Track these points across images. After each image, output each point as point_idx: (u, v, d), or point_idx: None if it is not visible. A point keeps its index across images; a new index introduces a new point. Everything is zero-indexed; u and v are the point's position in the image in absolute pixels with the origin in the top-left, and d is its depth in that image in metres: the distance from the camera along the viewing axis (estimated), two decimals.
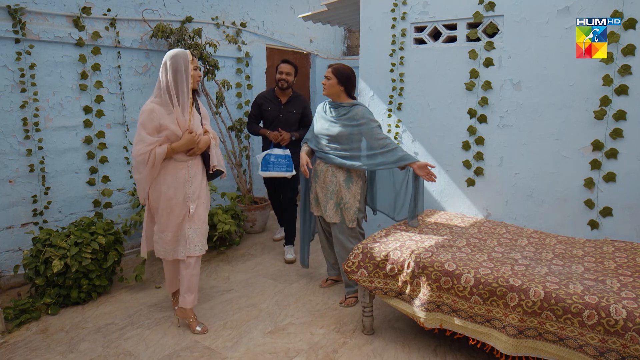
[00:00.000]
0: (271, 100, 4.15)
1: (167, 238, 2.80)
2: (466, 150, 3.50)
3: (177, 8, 4.47)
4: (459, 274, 2.41)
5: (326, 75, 3.11)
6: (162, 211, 2.76)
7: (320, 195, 3.19)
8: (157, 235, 2.84)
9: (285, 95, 4.14)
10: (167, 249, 2.83)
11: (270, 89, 4.26)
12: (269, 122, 4.15)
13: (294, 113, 4.14)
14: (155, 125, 2.61)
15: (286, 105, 4.13)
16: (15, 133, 3.45)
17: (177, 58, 2.62)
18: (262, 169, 3.97)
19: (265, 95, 4.20)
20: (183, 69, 2.62)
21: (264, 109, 4.13)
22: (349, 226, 3.13)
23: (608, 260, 2.52)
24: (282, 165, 3.97)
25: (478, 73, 3.36)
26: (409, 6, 3.63)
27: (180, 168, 2.74)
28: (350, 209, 3.11)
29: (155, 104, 2.63)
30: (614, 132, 2.89)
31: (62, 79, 3.67)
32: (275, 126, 4.10)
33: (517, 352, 2.20)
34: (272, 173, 3.96)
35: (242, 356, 2.62)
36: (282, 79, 4.02)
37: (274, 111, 4.12)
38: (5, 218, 3.46)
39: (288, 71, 4.02)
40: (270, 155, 3.97)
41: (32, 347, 2.71)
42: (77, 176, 3.84)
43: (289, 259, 4.06)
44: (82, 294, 3.20)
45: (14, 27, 3.34)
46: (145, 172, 2.65)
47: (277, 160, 3.96)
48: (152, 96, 2.68)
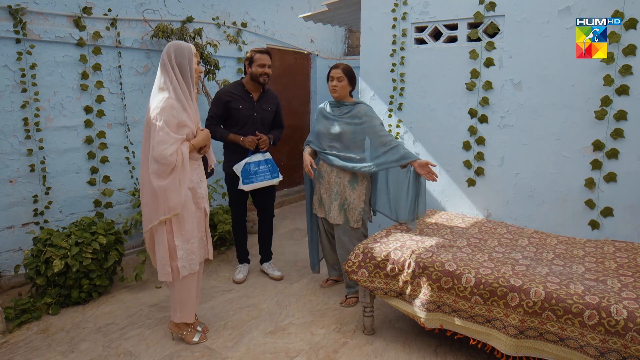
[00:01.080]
0: (241, 96, 3.41)
1: (194, 245, 2.60)
2: (467, 150, 3.50)
3: (178, 8, 4.47)
4: (459, 274, 2.41)
5: (337, 77, 3.07)
6: (187, 217, 2.53)
7: (325, 196, 3.18)
8: (182, 251, 2.54)
9: (257, 91, 3.47)
10: (195, 258, 2.61)
11: (235, 83, 3.52)
12: (240, 124, 3.42)
13: (269, 111, 3.52)
14: (176, 123, 2.42)
15: (260, 102, 3.47)
16: (16, 133, 3.45)
17: (182, 52, 2.45)
18: (244, 182, 3.34)
19: (232, 91, 3.42)
20: (187, 63, 2.46)
21: (233, 108, 3.39)
22: (353, 227, 3.13)
23: (609, 261, 2.52)
24: (266, 172, 3.44)
25: (479, 73, 3.36)
26: (409, 6, 3.63)
27: (195, 168, 2.60)
28: (355, 209, 3.11)
29: (172, 99, 2.42)
30: (614, 132, 2.89)
31: (62, 79, 3.67)
32: (250, 128, 3.42)
33: (517, 353, 2.20)
34: (257, 184, 3.39)
35: (243, 356, 2.62)
36: (264, 72, 3.35)
37: (247, 110, 3.41)
38: (6, 218, 3.46)
39: (269, 63, 3.38)
40: (250, 164, 3.36)
41: (33, 346, 2.71)
42: (77, 176, 3.84)
43: (238, 279, 3.61)
44: (83, 294, 3.20)
45: (14, 27, 3.34)
46: (172, 175, 2.40)
47: (259, 169, 3.40)
48: (160, 92, 2.44)
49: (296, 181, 6.49)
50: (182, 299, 2.66)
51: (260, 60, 3.33)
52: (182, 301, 2.67)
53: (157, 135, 2.35)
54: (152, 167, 2.39)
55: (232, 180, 3.51)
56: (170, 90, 2.43)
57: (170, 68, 2.43)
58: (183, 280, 2.61)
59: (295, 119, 6.22)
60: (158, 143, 2.34)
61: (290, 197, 6.20)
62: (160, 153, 2.34)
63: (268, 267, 3.75)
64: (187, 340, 2.73)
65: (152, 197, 2.47)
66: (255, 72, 3.34)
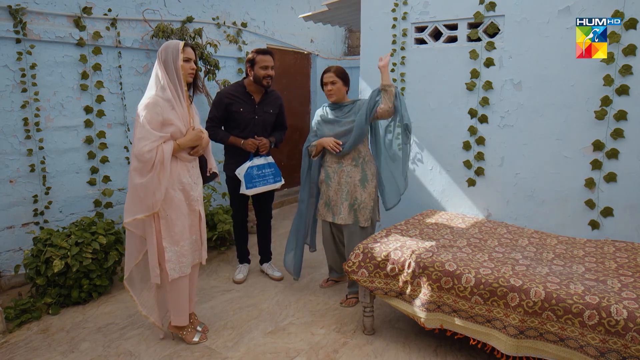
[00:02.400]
0: (242, 98, 3.32)
1: (185, 248, 2.55)
2: (467, 150, 3.50)
3: (178, 8, 4.47)
4: (459, 274, 2.41)
5: (330, 81, 3.06)
6: (175, 219, 2.49)
7: (335, 197, 3.14)
8: (170, 253, 2.50)
9: (259, 92, 3.37)
10: (185, 261, 2.57)
11: (236, 84, 3.42)
12: (240, 126, 3.34)
13: (271, 113, 3.43)
14: (160, 120, 2.39)
15: (261, 104, 3.37)
16: (16, 133, 3.45)
17: (167, 49, 2.43)
18: (247, 187, 3.28)
19: (233, 93, 3.33)
20: (171, 60, 2.42)
21: (234, 111, 3.30)
22: (363, 226, 3.12)
23: (609, 261, 2.52)
24: (269, 176, 3.39)
25: (479, 73, 3.36)
26: (409, 6, 3.63)
27: (188, 169, 2.56)
28: (366, 208, 3.10)
29: (158, 97, 2.41)
30: (614, 132, 2.89)
31: (63, 79, 3.67)
32: (250, 131, 3.34)
33: (517, 353, 2.20)
34: (259, 189, 3.34)
35: (243, 356, 2.62)
36: (268, 75, 3.25)
37: (248, 112, 3.33)
38: (6, 218, 3.46)
39: (273, 64, 3.28)
40: (252, 167, 3.30)
41: (33, 346, 2.71)
42: (77, 176, 3.84)
43: (239, 279, 3.59)
44: (83, 294, 3.20)
45: (14, 27, 3.34)
46: (150, 173, 2.36)
47: (261, 172, 3.35)
48: (150, 90, 2.45)
49: (296, 181, 6.48)
50: (174, 302, 2.62)
51: (262, 62, 3.22)
52: (174, 304, 2.63)
53: (137, 132, 2.36)
54: (133, 164, 2.39)
55: (233, 183, 3.45)
56: (157, 87, 2.43)
57: (158, 66, 2.44)
58: (173, 283, 2.57)
59: (295, 119, 6.21)
60: (138, 140, 2.33)
61: (290, 197, 6.20)
62: (139, 150, 2.32)
63: (268, 268, 3.75)
64: (187, 340, 2.72)
65: (132, 193, 2.44)
66: (258, 74, 3.24)
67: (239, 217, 3.65)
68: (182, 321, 2.69)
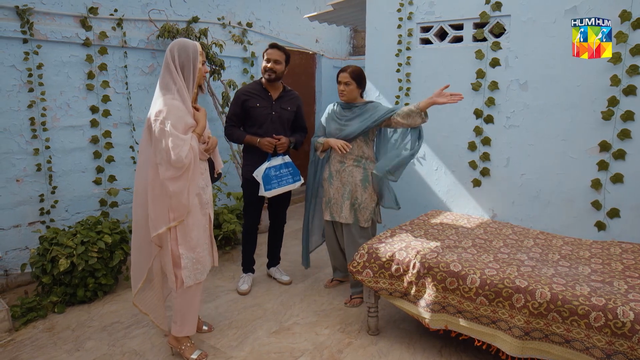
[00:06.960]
0: (259, 95, 3.27)
1: (201, 255, 2.46)
2: (472, 150, 3.49)
3: (184, 8, 4.49)
4: (464, 274, 2.40)
5: (344, 81, 3.04)
6: (192, 225, 2.40)
7: (337, 196, 3.14)
8: (186, 260, 2.39)
9: (276, 90, 3.31)
10: (201, 268, 2.48)
11: (254, 82, 3.39)
12: (257, 123, 3.27)
13: (289, 111, 3.35)
14: (184, 123, 2.30)
15: (279, 101, 3.31)
16: (22, 132, 3.47)
17: (186, 50, 2.32)
18: (265, 189, 3.18)
19: (250, 90, 3.28)
20: (191, 63, 2.33)
21: (251, 107, 3.24)
22: (364, 226, 3.12)
23: (615, 262, 2.51)
24: (287, 175, 3.30)
25: (484, 73, 3.35)
26: (415, 6, 3.62)
27: (201, 172, 2.47)
28: (367, 208, 3.10)
29: (177, 101, 2.31)
30: (621, 133, 2.87)
31: (69, 78, 3.69)
32: (268, 128, 3.26)
33: (522, 354, 2.19)
34: (279, 189, 3.24)
35: (247, 356, 2.62)
36: (269, 68, 3.17)
37: (265, 109, 3.26)
38: (12, 217, 3.48)
39: (277, 58, 3.18)
40: (270, 169, 3.21)
41: (39, 345, 2.72)
42: (83, 175, 3.86)
43: (243, 290, 3.42)
44: (88, 293, 3.22)
45: (22, 27, 3.36)
46: (184, 176, 2.28)
47: (279, 173, 3.26)
48: (164, 94, 2.32)
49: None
50: (184, 311, 2.49)
51: (267, 55, 3.20)
52: (183, 313, 2.50)
53: (167, 140, 2.21)
54: (167, 173, 2.25)
55: (250, 186, 3.33)
56: (174, 91, 2.32)
57: (174, 68, 2.31)
58: (187, 291, 2.46)
59: None
60: (172, 149, 2.19)
61: (295, 197, 6.19)
62: (178, 157, 2.20)
63: (276, 272, 3.70)
64: (186, 356, 2.53)
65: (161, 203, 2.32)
66: (263, 67, 3.22)
67: (250, 222, 3.50)
68: (188, 331, 2.54)
